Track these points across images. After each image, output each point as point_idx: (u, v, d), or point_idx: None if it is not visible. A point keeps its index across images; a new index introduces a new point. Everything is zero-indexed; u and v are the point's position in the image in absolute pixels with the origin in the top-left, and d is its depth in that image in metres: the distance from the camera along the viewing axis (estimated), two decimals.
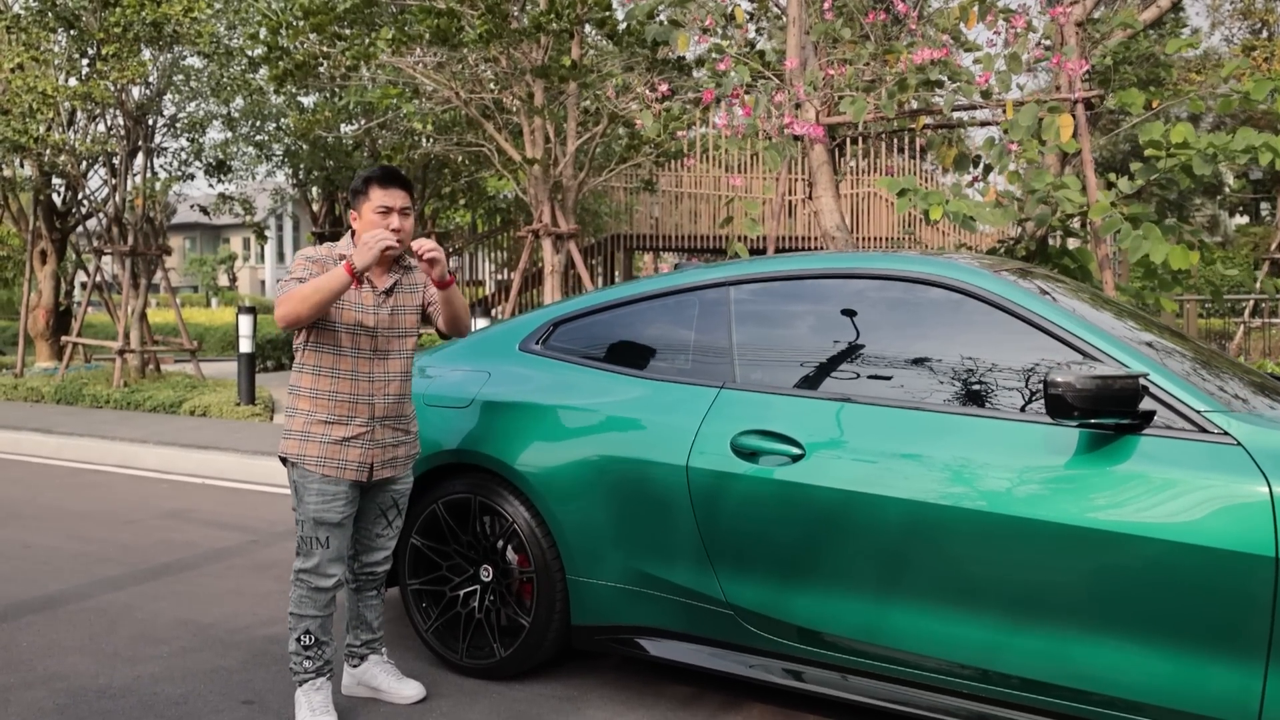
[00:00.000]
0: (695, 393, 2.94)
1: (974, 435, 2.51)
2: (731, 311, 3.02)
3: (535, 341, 3.37)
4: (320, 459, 2.82)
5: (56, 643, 3.60)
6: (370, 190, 2.87)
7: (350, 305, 2.85)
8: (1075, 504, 2.34)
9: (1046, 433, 2.44)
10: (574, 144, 8.50)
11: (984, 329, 2.64)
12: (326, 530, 2.83)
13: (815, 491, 2.64)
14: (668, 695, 3.13)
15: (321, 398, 2.84)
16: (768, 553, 2.72)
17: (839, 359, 2.80)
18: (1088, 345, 2.50)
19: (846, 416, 2.68)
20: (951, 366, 2.65)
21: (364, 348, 2.86)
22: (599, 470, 2.98)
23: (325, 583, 2.84)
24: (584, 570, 3.03)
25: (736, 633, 2.82)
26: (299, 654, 2.87)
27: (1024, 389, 2.55)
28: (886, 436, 2.60)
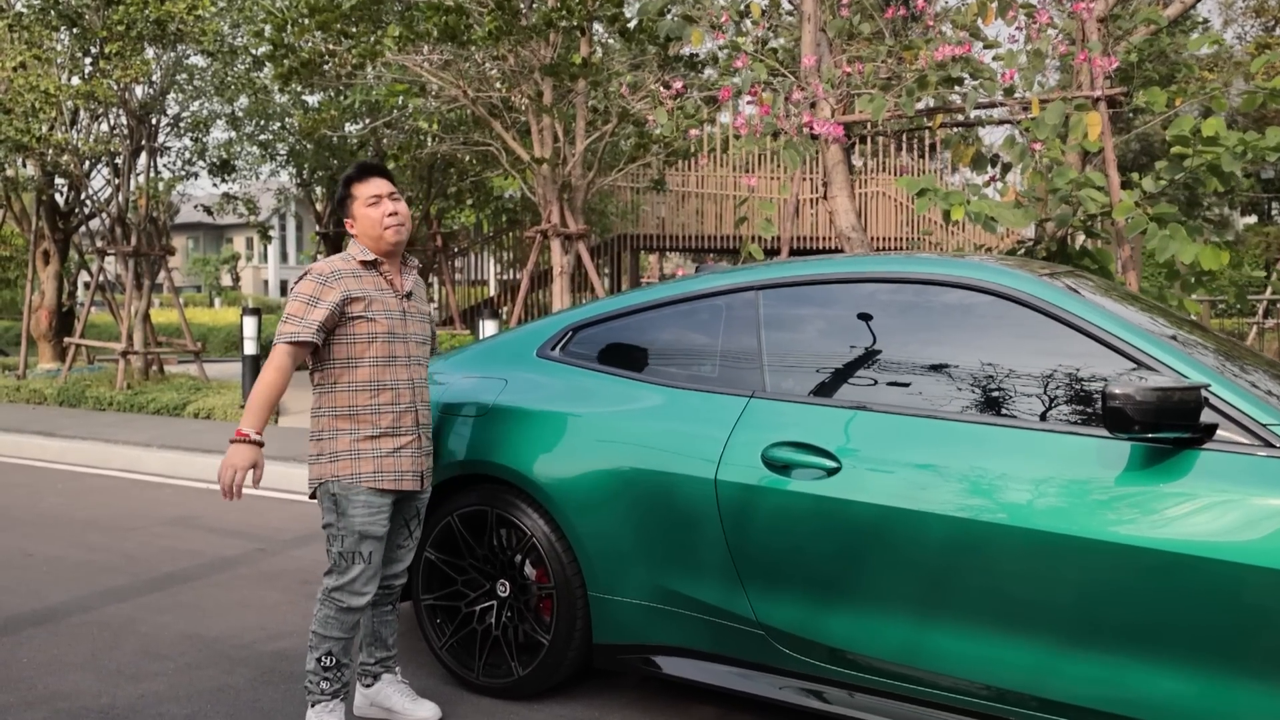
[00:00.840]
0: (723, 402, 2.82)
1: (1022, 448, 2.38)
2: (761, 317, 2.90)
3: (553, 347, 3.25)
4: (376, 474, 2.75)
5: (58, 659, 3.48)
6: (353, 189, 2.84)
7: (382, 314, 2.79)
8: (1131, 522, 2.22)
9: (1099, 446, 2.31)
10: (582, 143, 8.37)
11: (1033, 337, 2.52)
12: (371, 544, 2.76)
13: (853, 507, 2.51)
14: (692, 717, 3.01)
15: (364, 413, 2.77)
16: (801, 570, 2.60)
17: (876, 367, 2.67)
18: (1145, 354, 2.37)
19: (884, 428, 2.55)
20: (996, 376, 2.52)
21: (399, 354, 2.82)
22: (623, 482, 2.86)
23: (358, 601, 2.76)
24: (606, 586, 2.91)
25: (767, 653, 2.69)
26: (318, 674, 2.78)
27: (1076, 400, 2.42)
28: (929, 449, 2.47)
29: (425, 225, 13.44)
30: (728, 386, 2.85)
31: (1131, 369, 2.38)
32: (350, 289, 2.75)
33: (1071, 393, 2.43)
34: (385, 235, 2.81)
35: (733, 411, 2.78)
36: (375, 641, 3.00)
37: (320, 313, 2.71)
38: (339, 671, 2.79)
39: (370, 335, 2.77)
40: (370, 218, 2.80)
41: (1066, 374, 2.45)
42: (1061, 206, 5.68)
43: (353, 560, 2.74)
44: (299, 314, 2.72)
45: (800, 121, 4.96)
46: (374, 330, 2.77)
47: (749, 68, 5.15)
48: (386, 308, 2.80)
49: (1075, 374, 2.44)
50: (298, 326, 2.71)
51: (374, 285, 2.81)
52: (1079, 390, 2.43)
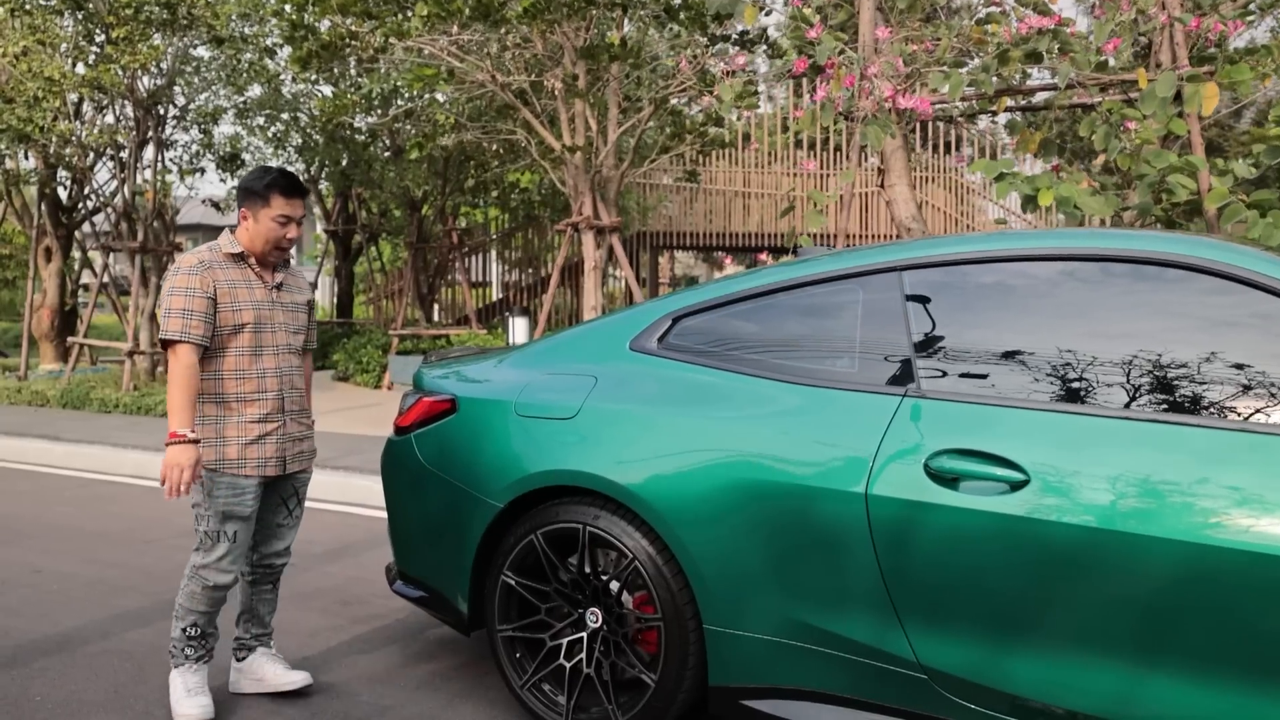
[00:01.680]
0: (870, 402, 2.38)
1: (1268, 458, 1.95)
2: (907, 302, 2.47)
3: (651, 339, 2.81)
4: (239, 460, 2.83)
5: (76, 695, 3.04)
6: (272, 198, 2.85)
7: (248, 304, 2.86)
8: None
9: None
10: (615, 132, 7.94)
11: (1262, 325, 2.09)
12: (235, 524, 2.84)
13: (1048, 528, 2.08)
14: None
15: (230, 400, 2.85)
16: (978, 603, 2.17)
17: (1064, 361, 2.24)
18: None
19: (1085, 433, 2.12)
20: (1229, 373, 2.09)
21: (267, 344, 2.90)
22: (749, 497, 2.43)
23: (224, 579, 2.85)
24: (727, 619, 2.47)
25: (929, 701, 2.26)
26: (182, 642, 2.88)
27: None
28: (1143, 459, 2.04)
29: (440, 222, 13.00)
30: (872, 384, 2.42)
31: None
32: (217, 279, 2.81)
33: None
34: (270, 255, 2.91)
35: (883, 413, 2.35)
36: (252, 619, 3.07)
37: (199, 304, 2.77)
38: (204, 640, 2.90)
39: (236, 326, 2.83)
40: (272, 233, 2.87)
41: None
42: (1147, 195, 5.26)
43: (217, 539, 2.83)
44: (180, 308, 2.76)
45: (882, 97, 4.53)
46: (240, 321, 2.84)
47: (821, 40, 4.72)
48: (254, 299, 2.87)
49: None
50: (182, 324, 2.75)
51: (241, 276, 2.87)
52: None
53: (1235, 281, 2.13)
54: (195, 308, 2.77)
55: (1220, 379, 2.08)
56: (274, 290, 2.94)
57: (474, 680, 3.17)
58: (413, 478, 3.07)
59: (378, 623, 3.77)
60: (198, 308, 2.77)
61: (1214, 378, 2.09)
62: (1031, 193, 5.10)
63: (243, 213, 2.90)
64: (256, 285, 2.90)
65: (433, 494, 3.00)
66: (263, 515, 3.00)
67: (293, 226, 2.89)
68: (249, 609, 3.07)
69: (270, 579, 3.07)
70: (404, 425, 3.15)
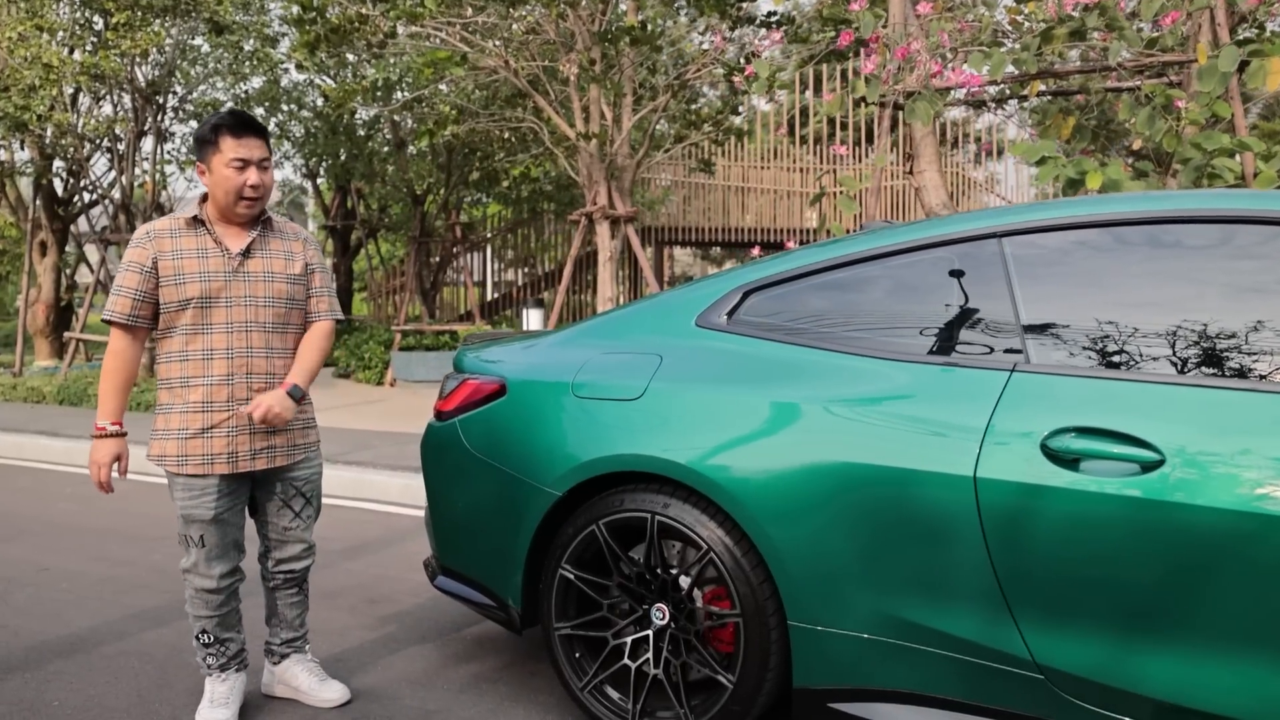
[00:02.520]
0: (974, 378, 2.19)
1: None
2: (1011, 270, 2.27)
3: (719, 315, 2.61)
4: (181, 457, 2.52)
5: (96, 700, 2.83)
6: (221, 140, 2.50)
7: (194, 277, 2.51)
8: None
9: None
10: (629, 119, 7.74)
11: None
12: (200, 528, 2.55)
13: (1190, 512, 1.89)
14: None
15: (176, 386, 2.55)
16: (1105, 595, 1.97)
17: (1188, 331, 2.05)
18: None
19: (1225, 407, 1.93)
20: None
21: (217, 322, 2.54)
22: (840, 483, 2.23)
23: (208, 584, 2.59)
24: (815, 615, 2.27)
25: (1045, 704, 2.06)
26: (200, 651, 2.67)
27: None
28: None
29: (444, 215, 12.77)
30: (974, 360, 2.22)
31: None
32: (162, 250, 2.51)
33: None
34: (238, 205, 2.55)
35: (989, 390, 2.16)
36: (281, 623, 2.82)
37: (132, 279, 2.50)
38: (221, 646, 2.66)
39: (181, 301, 2.51)
40: (229, 181, 2.51)
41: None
42: (1191, 179, 5.09)
43: (187, 543, 2.58)
44: (117, 284, 2.53)
45: (929, 72, 4.34)
46: (184, 295, 2.50)
47: (861, 14, 4.53)
48: (204, 269, 2.52)
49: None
50: (113, 300, 2.51)
51: (194, 245, 2.54)
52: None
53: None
54: (126, 283, 2.50)
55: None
56: (237, 259, 2.57)
57: (521, 682, 2.96)
58: (458, 465, 2.86)
59: (408, 621, 3.56)
60: (129, 284, 2.50)
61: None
62: (1077, 176, 4.92)
63: (199, 167, 2.57)
64: (212, 254, 2.54)
65: (481, 482, 2.79)
66: (268, 520, 2.72)
67: (252, 170, 2.52)
68: (275, 613, 2.82)
69: (292, 584, 2.79)
70: (446, 410, 2.94)
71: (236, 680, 2.70)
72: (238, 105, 11.74)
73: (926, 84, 4.38)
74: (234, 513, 2.62)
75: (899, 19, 5.47)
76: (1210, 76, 4.33)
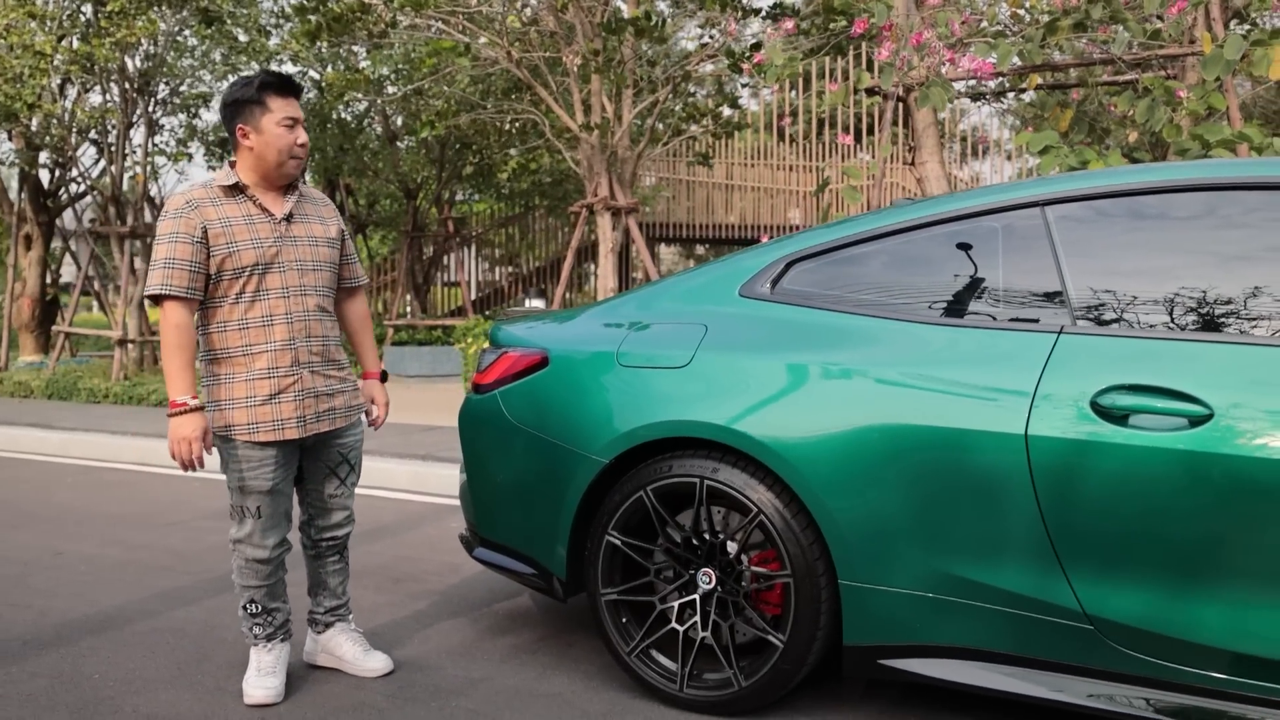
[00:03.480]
0: (1023, 340, 2.25)
1: None
2: (1055, 237, 2.34)
3: (763, 285, 2.66)
4: (251, 425, 2.51)
5: (136, 674, 2.83)
6: (269, 99, 2.49)
7: (247, 244, 2.50)
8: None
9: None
10: (629, 112, 7.79)
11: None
12: (256, 499, 2.56)
13: (1239, 464, 1.96)
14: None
15: (236, 355, 2.53)
16: (1155, 547, 2.04)
17: (1224, 292, 2.12)
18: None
19: (1271, 364, 2.00)
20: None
21: (274, 287, 2.53)
22: (891, 444, 2.28)
23: (260, 554, 2.59)
24: (866, 574, 2.33)
25: (1096, 654, 2.13)
26: (246, 620, 2.67)
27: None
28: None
29: (437, 210, 12.75)
30: (1023, 321, 2.29)
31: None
32: (208, 219, 2.47)
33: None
34: (288, 165, 2.55)
35: (1038, 351, 2.22)
36: (323, 591, 2.82)
37: (183, 250, 2.44)
38: (269, 615, 2.67)
39: (236, 270, 2.49)
40: (281, 139, 2.50)
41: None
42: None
43: (242, 515, 2.57)
44: (163, 258, 2.45)
45: (942, 59, 4.42)
46: (239, 264, 2.49)
47: (874, 3, 4.60)
48: (255, 236, 2.51)
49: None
50: (163, 275, 2.44)
51: (240, 212, 2.52)
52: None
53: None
54: (178, 255, 2.43)
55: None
56: (282, 224, 2.56)
57: (560, 652, 3.00)
58: (499, 436, 2.89)
59: (437, 598, 3.58)
60: (181, 255, 2.43)
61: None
62: (1079, 165, 5.02)
63: (240, 130, 2.51)
64: (259, 220, 2.52)
65: (523, 452, 2.82)
66: (313, 487, 2.73)
67: (300, 129, 2.54)
68: (318, 582, 2.83)
69: (334, 550, 2.81)
70: (486, 383, 2.97)
71: (282, 650, 2.71)
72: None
73: (939, 72, 4.46)
74: (287, 483, 2.62)
75: (902, 11, 5.55)
76: (1215, 64, 4.44)
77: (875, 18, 4.38)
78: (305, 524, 2.79)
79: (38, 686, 2.73)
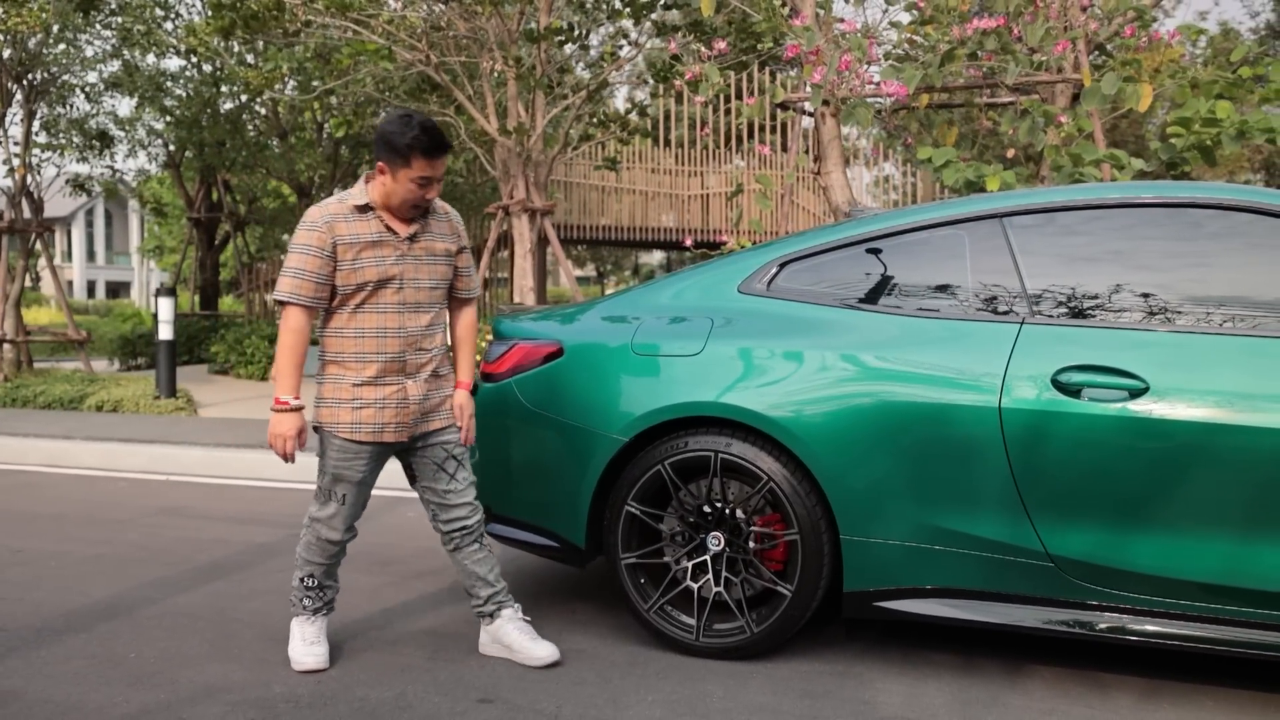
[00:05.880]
0: (991, 330, 2.71)
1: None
2: (1012, 244, 2.81)
3: (759, 283, 3.04)
4: (354, 424, 2.72)
5: (172, 652, 2.95)
6: (413, 159, 2.64)
7: (370, 261, 2.68)
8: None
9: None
10: (543, 117, 8.06)
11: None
12: (345, 488, 2.77)
13: (1169, 425, 2.46)
14: (932, 664, 2.88)
15: (349, 360, 2.72)
16: (1103, 496, 2.53)
17: (1155, 291, 2.64)
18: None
19: (1193, 348, 2.52)
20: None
21: (390, 302, 2.72)
22: (887, 418, 2.70)
23: (334, 535, 2.81)
24: (864, 529, 2.74)
25: (1056, 586, 2.60)
26: (300, 591, 2.87)
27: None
28: (1246, 366, 2.46)
29: None
30: (990, 315, 2.75)
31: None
32: (339, 235, 2.66)
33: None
34: (409, 210, 2.72)
35: (1005, 339, 2.68)
36: (476, 581, 2.91)
37: (314, 262, 2.64)
38: (321, 591, 2.88)
39: (359, 284, 2.68)
40: (410, 194, 2.67)
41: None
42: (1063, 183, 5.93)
43: (329, 498, 2.78)
44: (294, 266, 2.65)
45: (864, 82, 4.92)
46: (362, 279, 2.67)
47: (801, 31, 5.07)
48: (378, 255, 2.68)
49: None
50: (293, 284, 2.65)
51: (368, 230, 2.69)
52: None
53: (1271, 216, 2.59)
54: (308, 267, 2.62)
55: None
56: (405, 243, 2.72)
57: (567, 618, 3.29)
58: (515, 421, 3.16)
59: (430, 576, 3.79)
60: (310, 267, 2.62)
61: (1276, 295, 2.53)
62: (976, 179, 5.65)
63: (379, 166, 2.67)
64: (385, 238, 2.69)
65: (540, 435, 3.11)
66: (426, 484, 2.84)
67: (433, 187, 2.70)
68: (468, 573, 2.89)
69: (471, 540, 2.86)
70: (499, 372, 3.23)
71: (323, 623, 2.89)
72: (103, 88, 11.21)
73: (861, 93, 4.96)
74: (374, 475, 2.82)
75: (854, 26, 6.06)
76: (1093, 97, 5.12)
77: (805, 44, 4.84)
78: (432, 520, 2.88)
79: (79, 667, 2.82)
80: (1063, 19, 5.61)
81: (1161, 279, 2.65)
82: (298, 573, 2.87)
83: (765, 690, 2.67)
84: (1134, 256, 2.70)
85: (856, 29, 5.18)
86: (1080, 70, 6.02)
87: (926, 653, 2.97)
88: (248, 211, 14.83)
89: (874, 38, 5.97)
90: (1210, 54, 19.53)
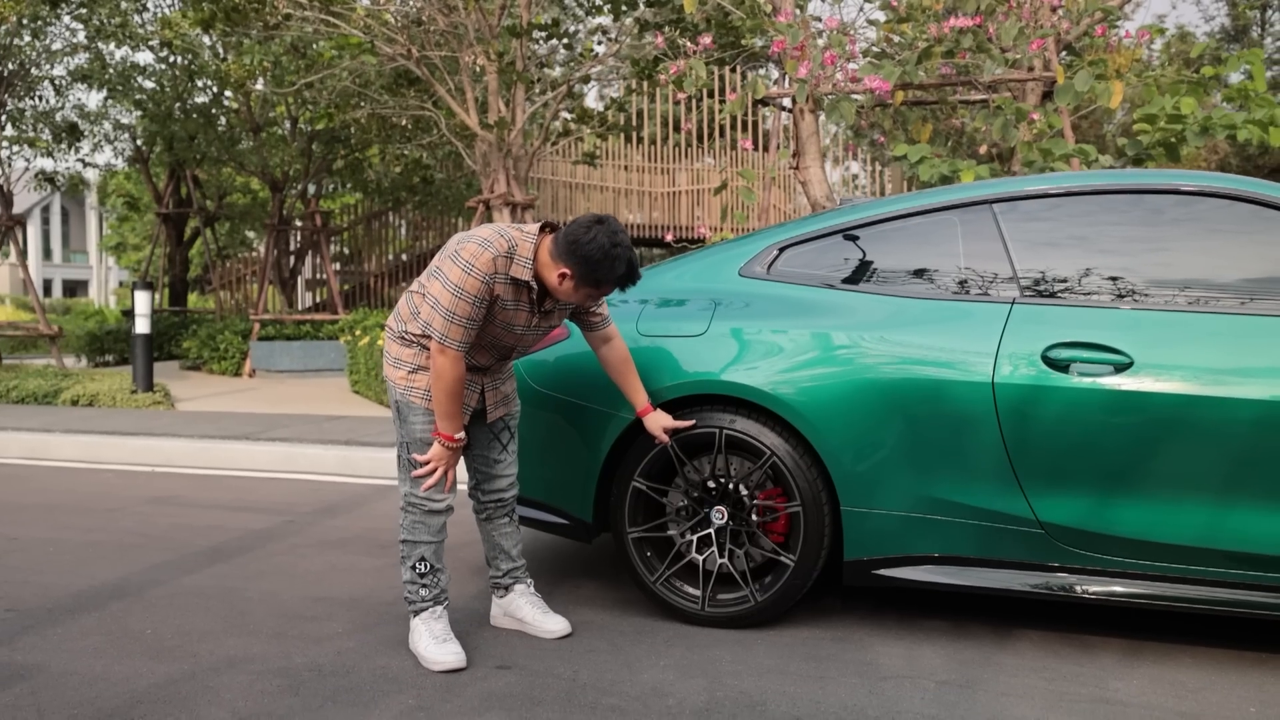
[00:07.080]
0: (984, 310, 2.85)
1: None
2: (1002, 229, 2.95)
3: (760, 266, 3.16)
4: (427, 391, 2.78)
5: (188, 627, 3.01)
6: (605, 288, 2.69)
7: (503, 325, 2.77)
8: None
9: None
10: (523, 112, 8.14)
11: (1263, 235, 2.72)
12: None
13: (1152, 398, 2.62)
14: (925, 630, 3.02)
15: None
16: (1090, 465, 2.67)
17: (1140, 273, 2.79)
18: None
19: (1174, 325, 2.67)
20: (1271, 272, 2.70)
21: (498, 344, 2.83)
22: (886, 394, 2.83)
23: (438, 505, 2.80)
24: (864, 500, 2.87)
25: (1046, 552, 2.75)
26: (414, 582, 2.82)
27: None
28: (1223, 342, 2.62)
29: (303, 204, 12.55)
30: (982, 296, 2.89)
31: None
32: (498, 293, 2.70)
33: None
34: (557, 310, 2.84)
35: (997, 319, 2.82)
36: (499, 554, 3.02)
37: (478, 313, 2.66)
38: (434, 576, 2.83)
39: (482, 331, 2.77)
40: (568, 297, 2.72)
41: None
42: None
43: (415, 466, 2.79)
44: (464, 316, 2.63)
45: (847, 78, 5.06)
46: (489, 334, 2.77)
47: (785, 27, 5.21)
48: (508, 320, 2.75)
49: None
50: (460, 332, 2.64)
51: (513, 296, 2.74)
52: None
53: (1262, 205, 2.76)
54: (465, 314, 2.63)
55: (1254, 276, 2.69)
56: (537, 315, 2.80)
57: (571, 592, 3.38)
58: (525, 403, 3.25)
59: None
60: (469, 315, 2.63)
61: (1250, 276, 2.70)
62: (951, 174, 5.82)
63: (563, 271, 2.65)
64: (523, 307, 2.75)
65: (549, 415, 3.20)
66: (480, 453, 2.96)
67: (603, 304, 2.91)
68: (493, 545, 3.01)
69: (504, 512, 2.99)
70: None
71: (445, 617, 2.83)
72: (70, 81, 11.07)
73: (845, 89, 5.11)
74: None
75: (836, 23, 6.20)
76: (1065, 94, 5.31)
77: (790, 40, 4.98)
78: (473, 489, 2.99)
79: (96, 643, 2.87)
80: (1034, 19, 5.80)
81: (1143, 261, 2.80)
82: (406, 563, 2.81)
83: (771, 654, 2.78)
84: (1117, 240, 2.85)
85: (836, 26, 5.33)
86: (1052, 68, 6.23)
87: (920, 619, 3.11)
88: (217, 207, 14.70)
89: (852, 35, 6.13)
90: (1166, 57, 20.05)
